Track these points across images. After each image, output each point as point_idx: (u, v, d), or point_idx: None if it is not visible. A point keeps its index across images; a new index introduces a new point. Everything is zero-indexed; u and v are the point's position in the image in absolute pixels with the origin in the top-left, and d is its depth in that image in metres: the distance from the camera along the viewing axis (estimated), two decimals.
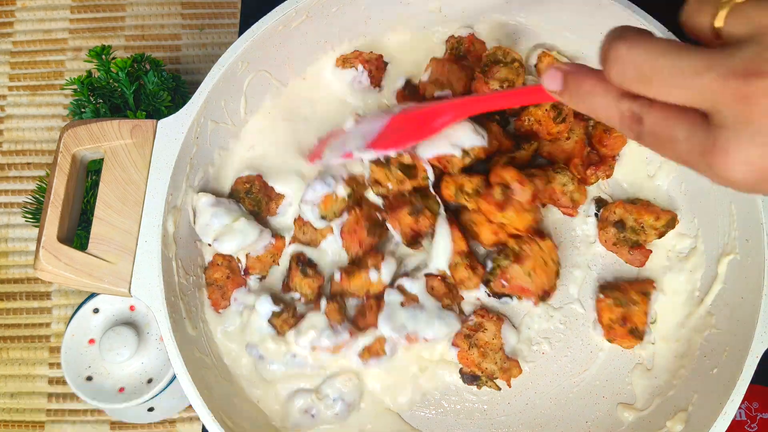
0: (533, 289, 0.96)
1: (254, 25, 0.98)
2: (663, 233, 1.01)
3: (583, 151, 1.06)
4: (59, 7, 1.45)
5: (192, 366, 0.88)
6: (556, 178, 1.00)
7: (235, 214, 0.99)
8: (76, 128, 0.92)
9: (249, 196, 1.03)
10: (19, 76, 1.42)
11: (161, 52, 1.41)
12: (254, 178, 1.04)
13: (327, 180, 0.98)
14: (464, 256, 0.98)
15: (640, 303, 0.99)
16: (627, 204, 1.02)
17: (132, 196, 0.91)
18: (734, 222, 0.96)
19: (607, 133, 1.04)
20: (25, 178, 1.36)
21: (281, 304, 0.99)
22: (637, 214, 1.00)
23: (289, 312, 0.99)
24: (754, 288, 0.90)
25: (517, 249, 0.96)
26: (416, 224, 0.97)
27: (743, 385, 0.86)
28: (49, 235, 0.89)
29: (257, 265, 1.02)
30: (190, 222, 0.99)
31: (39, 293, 1.30)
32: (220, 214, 0.98)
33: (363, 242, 1.00)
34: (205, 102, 0.95)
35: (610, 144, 1.04)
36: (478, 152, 0.95)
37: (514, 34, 1.11)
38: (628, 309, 0.99)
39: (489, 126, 1.01)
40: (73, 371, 1.09)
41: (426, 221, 0.97)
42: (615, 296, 1.00)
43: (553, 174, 1.01)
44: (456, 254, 0.98)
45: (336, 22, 1.06)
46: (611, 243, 1.02)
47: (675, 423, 0.92)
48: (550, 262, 0.96)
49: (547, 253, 0.96)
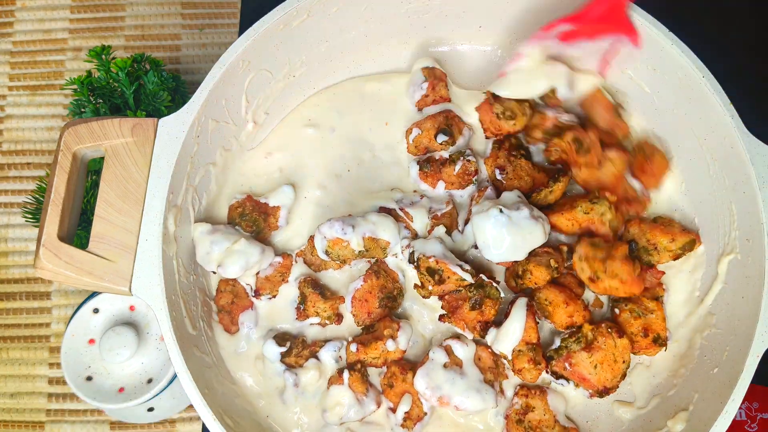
0: (594, 382, 0.94)
1: (255, 24, 0.98)
2: (678, 255, 1.00)
3: (620, 185, 1.03)
4: (59, 7, 1.45)
5: (192, 365, 0.88)
6: (594, 209, 0.99)
7: (233, 237, 0.99)
8: (76, 126, 0.92)
9: (244, 218, 1.04)
10: (19, 76, 1.42)
11: (161, 52, 1.41)
12: (244, 200, 1.05)
13: (347, 226, 0.97)
14: (531, 347, 0.96)
15: (657, 310, 0.98)
16: (644, 223, 1.01)
17: (133, 195, 0.91)
18: (734, 222, 0.96)
19: (648, 161, 1.04)
20: (25, 178, 1.36)
21: (287, 343, 0.99)
22: (651, 234, 0.99)
23: (298, 347, 0.99)
24: (755, 288, 0.90)
25: (591, 337, 0.94)
26: (482, 316, 0.97)
27: (744, 385, 0.86)
28: (49, 234, 0.89)
29: (266, 285, 1.02)
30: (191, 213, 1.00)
31: (39, 293, 1.30)
32: (218, 240, 0.98)
33: (372, 313, 0.99)
34: (206, 101, 0.95)
35: (650, 170, 1.04)
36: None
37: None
38: (647, 319, 0.98)
39: (517, 163, 1.02)
40: (73, 371, 1.09)
41: (490, 310, 0.97)
42: (630, 308, 0.99)
43: (590, 205, 1.00)
44: (523, 342, 0.96)
45: (336, 21, 1.06)
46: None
47: (676, 422, 0.92)
48: (621, 361, 0.94)
49: (620, 352, 0.94)
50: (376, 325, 0.99)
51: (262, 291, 1.02)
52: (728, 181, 0.96)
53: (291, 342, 1.00)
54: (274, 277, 1.02)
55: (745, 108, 0.95)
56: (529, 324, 0.96)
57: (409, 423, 0.97)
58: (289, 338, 1.00)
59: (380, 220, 0.98)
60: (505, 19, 1.11)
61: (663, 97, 1.04)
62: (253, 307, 1.03)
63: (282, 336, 1.01)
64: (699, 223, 1.03)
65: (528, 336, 0.95)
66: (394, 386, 0.97)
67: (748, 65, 1.25)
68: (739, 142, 0.93)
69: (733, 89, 0.96)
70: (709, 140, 0.98)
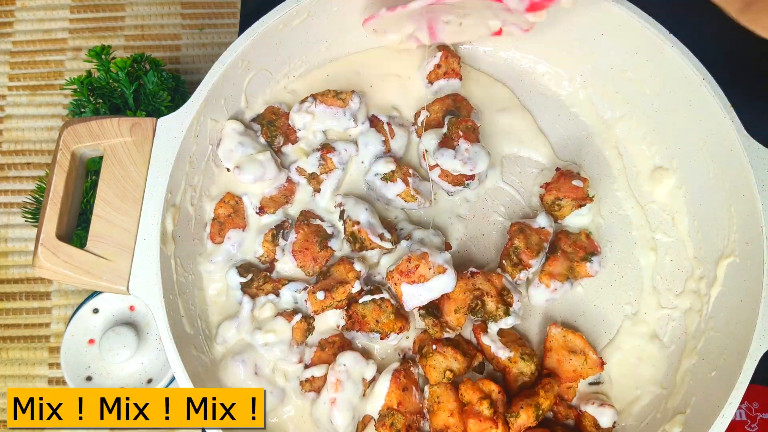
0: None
1: (255, 23, 0.98)
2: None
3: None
4: (59, 7, 1.45)
5: (189, 364, 0.88)
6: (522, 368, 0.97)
7: (260, 147, 1.01)
8: (75, 126, 0.92)
9: (271, 126, 1.05)
10: (19, 76, 1.42)
11: (161, 52, 1.41)
12: (283, 113, 1.06)
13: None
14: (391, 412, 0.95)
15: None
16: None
17: (131, 194, 0.91)
18: (734, 225, 0.96)
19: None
20: (24, 178, 1.36)
21: (249, 275, 1.00)
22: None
23: (260, 280, 1.00)
24: (753, 291, 0.90)
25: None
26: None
27: (741, 388, 0.86)
28: (48, 233, 0.89)
29: (271, 204, 1.04)
30: (190, 213, 0.99)
31: (39, 293, 1.30)
32: (246, 142, 1.00)
33: (317, 258, 1.00)
34: (205, 100, 0.95)
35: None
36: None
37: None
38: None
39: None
40: (73, 371, 1.09)
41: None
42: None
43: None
44: (385, 406, 0.95)
45: (337, 20, 1.06)
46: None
47: (673, 426, 0.92)
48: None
49: None
50: (332, 269, 0.99)
51: (266, 209, 1.03)
52: (728, 183, 0.97)
53: (254, 274, 1.00)
54: (278, 198, 1.04)
55: (745, 111, 0.95)
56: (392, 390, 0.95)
57: (306, 386, 0.97)
58: (253, 270, 1.01)
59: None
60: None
61: (663, 99, 1.04)
62: (245, 229, 1.03)
63: (246, 267, 1.01)
64: (698, 225, 1.03)
65: (389, 401, 0.95)
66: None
67: (748, 67, 1.25)
68: (738, 144, 0.93)
69: (733, 92, 0.96)
70: (709, 143, 0.98)
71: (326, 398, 0.94)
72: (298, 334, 0.97)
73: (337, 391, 0.93)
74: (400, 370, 0.95)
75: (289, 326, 0.97)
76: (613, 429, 0.96)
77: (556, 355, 0.98)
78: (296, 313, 0.98)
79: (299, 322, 0.97)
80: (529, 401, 0.92)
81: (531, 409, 0.91)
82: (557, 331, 0.98)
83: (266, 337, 0.96)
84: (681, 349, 1.00)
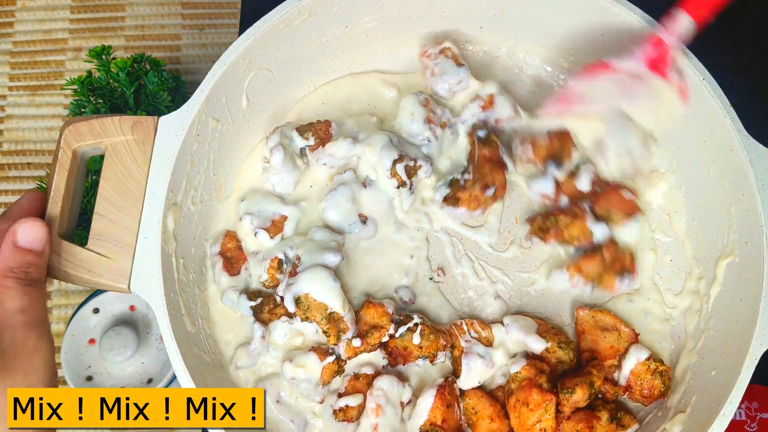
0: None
1: (256, 23, 0.98)
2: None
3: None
4: (59, 7, 1.45)
5: (191, 363, 0.88)
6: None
7: (300, 166, 1.05)
8: (77, 124, 0.92)
9: (305, 134, 1.03)
10: (19, 76, 1.42)
11: (161, 52, 1.41)
12: (324, 123, 1.05)
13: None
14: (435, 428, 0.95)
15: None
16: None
17: (132, 193, 0.91)
18: (733, 224, 0.96)
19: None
20: (25, 178, 1.36)
21: (258, 299, 0.99)
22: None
23: (270, 304, 0.99)
24: (753, 290, 0.90)
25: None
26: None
27: (742, 387, 0.86)
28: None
29: (272, 229, 1.03)
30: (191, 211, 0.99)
31: None
32: (289, 153, 1.03)
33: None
34: (206, 99, 0.95)
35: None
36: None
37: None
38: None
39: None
40: (73, 371, 1.09)
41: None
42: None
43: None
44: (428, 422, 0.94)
45: (338, 20, 1.07)
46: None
47: (673, 425, 0.92)
48: None
49: None
50: (361, 312, 0.98)
51: (269, 232, 1.02)
52: (727, 183, 0.97)
53: (263, 299, 0.99)
54: (279, 223, 1.03)
55: (745, 111, 0.95)
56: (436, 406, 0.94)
57: (340, 415, 0.96)
58: (262, 296, 1.00)
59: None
60: (508, 21, 1.11)
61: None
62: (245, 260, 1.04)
63: (256, 292, 1.01)
64: (698, 225, 1.03)
65: (433, 417, 0.94)
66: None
67: (748, 67, 1.25)
68: (738, 144, 0.93)
69: (733, 92, 0.96)
70: (709, 143, 0.98)
71: (367, 425, 0.94)
72: (327, 374, 0.96)
73: (378, 416, 0.93)
74: (444, 385, 0.95)
75: (320, 365, 0.95)
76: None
77: (590, 336, 0.99)
78: (330, 354, 0.96)
79: (331, 363, 0.96)
80: (583, 379, 0.92)
81: (585, 386, 0.91)
82: (585, 313, 1.00)
83: (296, 371, 0.95)
84: (681, 348, 1.00)
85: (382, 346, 0.98)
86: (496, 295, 1.04)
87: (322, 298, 0.92)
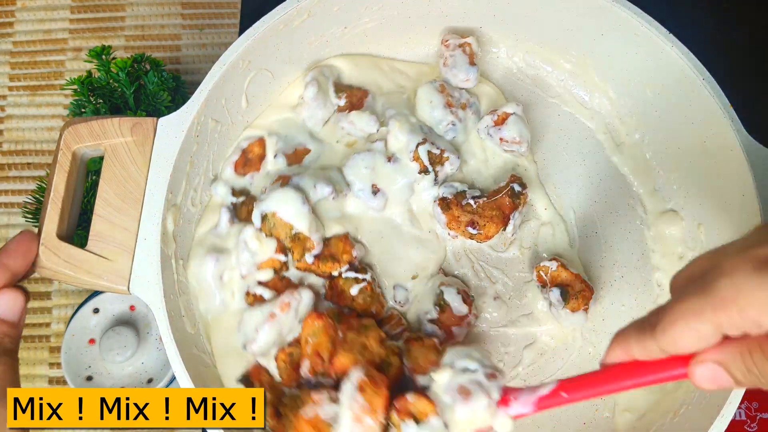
0: None
1: (256, 23, 0.98)
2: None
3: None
4: (59, 7, 1.45)
5: (190, 364, 0.88)
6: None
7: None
8: (76, 125, 0.92)
9: (340, 93, 1.06)
10: (19, 76, 1.42)
11: (161, 52, 1.41)
12: (361, 92, 1.08)
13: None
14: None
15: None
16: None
17: (132, 194, 0.91)
18: (733, 225, 0.96)
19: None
20: (25, 178, 1.36)
21: (242, 196, 1.00)
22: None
23: (250, 205, 0.98)
24: None
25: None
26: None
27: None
28: (48, 232, 0.89)
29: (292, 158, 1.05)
30: (191, 212, 0.99)
31: (39, 293, 1.30)
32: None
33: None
34: (206, 100, 0.95)
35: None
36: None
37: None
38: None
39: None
40: (73, 371, 1.09)
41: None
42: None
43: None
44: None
45: (338, 21, 1.07)
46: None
47: (673, 424, 0.92)
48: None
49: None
50: (332, 240, 0.97)
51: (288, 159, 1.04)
52: (728, 183, 0.96)
53: (246, 199, 1.00)
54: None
55: (745, 111, 0.95)
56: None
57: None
58: (246, 196, 1.01)
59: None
60: (508, 21, 1.11)
61: (663, 99, 1.04)
62: (259, 171, 1.04)
63: (241, 191, 1.02)
64: (697, 226, 1.03)
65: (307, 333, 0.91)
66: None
67: (748, 67, 1.25)
68: (738, 144, 0.93)
69: (733, 92, 0.96)
70: (709, 143, 0.98)
71: (267, 311, 0.92)
72: (269, 263, 0.95)
73: (282, 311, 0.91)
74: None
75: (271, 254, 0.95)
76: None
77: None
78: (285, 255, 0.96)
79: (278, 260, 0.95)
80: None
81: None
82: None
83: (252, 241, 0.94)
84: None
85: (328, 278, 0.98)
86: (495, 296, 1.04)
87: (289, 218, 0.93)
